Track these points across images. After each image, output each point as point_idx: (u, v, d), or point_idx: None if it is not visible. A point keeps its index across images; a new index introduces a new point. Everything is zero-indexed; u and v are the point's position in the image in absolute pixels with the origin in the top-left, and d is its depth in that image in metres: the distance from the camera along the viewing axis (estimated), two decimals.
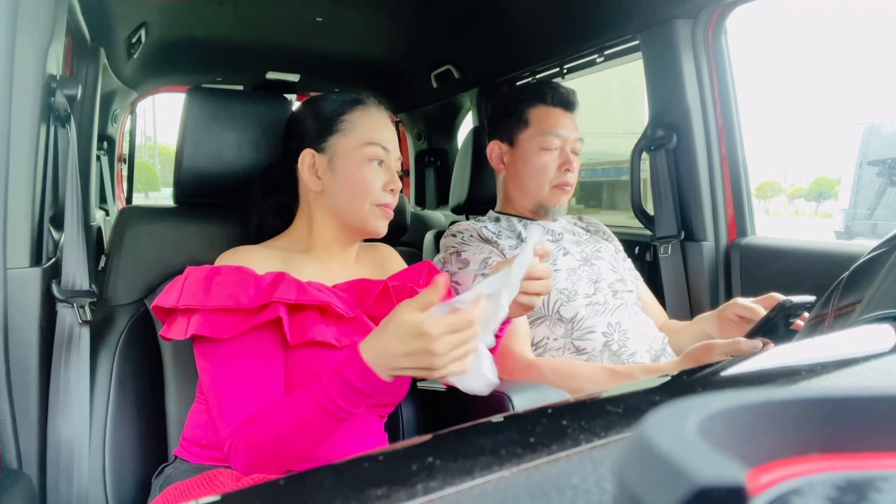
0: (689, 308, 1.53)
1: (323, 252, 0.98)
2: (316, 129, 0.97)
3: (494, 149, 1.37)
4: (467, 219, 1.61)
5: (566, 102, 1.32)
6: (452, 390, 0.80)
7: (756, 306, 1.09)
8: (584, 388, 1.06)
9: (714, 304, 1.49)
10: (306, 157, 0.96)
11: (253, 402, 0.81)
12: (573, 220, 1.44)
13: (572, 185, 1.31)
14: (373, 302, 0.94)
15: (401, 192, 1.00)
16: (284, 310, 0.84)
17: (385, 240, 1.04)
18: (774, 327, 1.02)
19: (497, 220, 1.34)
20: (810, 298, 1.00)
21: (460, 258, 1.22)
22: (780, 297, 1.06)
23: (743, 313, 1.11)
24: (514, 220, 1.33)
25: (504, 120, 1.36)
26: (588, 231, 1.42)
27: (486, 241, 1.25)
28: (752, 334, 1.03)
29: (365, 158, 0.94)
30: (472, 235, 1.26)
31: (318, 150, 0.96)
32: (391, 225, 0.99)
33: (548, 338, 1.19)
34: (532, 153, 1.29)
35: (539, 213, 1.33)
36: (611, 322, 1.19)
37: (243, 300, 0.82)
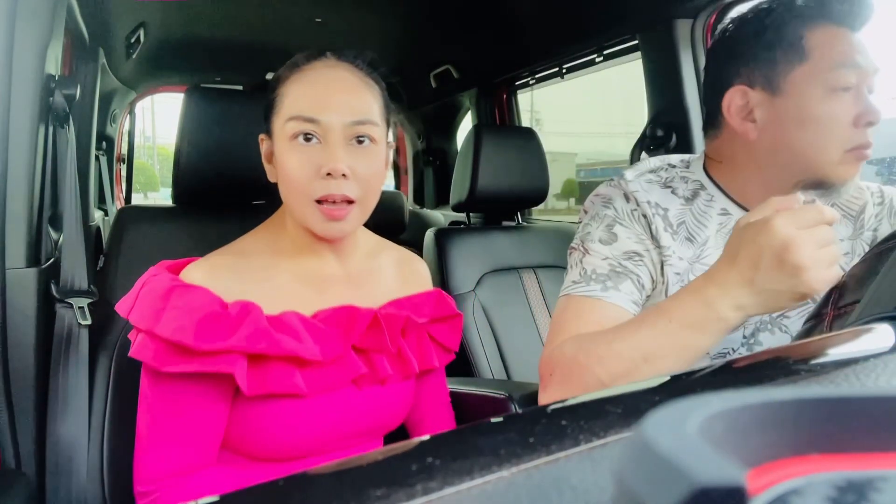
0: None
1: (302, 254, 0.82)
2: (266, 107, 0.81)
3: (736, 99, 0.84)
4: (467, 217, 1.59)
5: (858, 17, 0.81)
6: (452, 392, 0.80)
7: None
8: (625, 352, 0.69)
9: None
10: (263, 144, 0.82)
11: (181, 455, 0.73)
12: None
13: (871, 146, 0.84)
14: (361, 334, 0.80)
15: (399, 189, 0.89)
16: (242, 360, 0.71)
17: (383, 237, 0.99)
18: None
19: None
20: None
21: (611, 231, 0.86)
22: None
23: None
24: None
25: (758, 53, 0.83)
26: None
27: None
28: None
29: (286, 140, 0.75)
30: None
31: (268, 134, 0.81)
32: (388, 222, 0.95)
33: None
34: (815, 100, 0.80)
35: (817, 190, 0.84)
36: None
37: (194, 339, 0.69)
